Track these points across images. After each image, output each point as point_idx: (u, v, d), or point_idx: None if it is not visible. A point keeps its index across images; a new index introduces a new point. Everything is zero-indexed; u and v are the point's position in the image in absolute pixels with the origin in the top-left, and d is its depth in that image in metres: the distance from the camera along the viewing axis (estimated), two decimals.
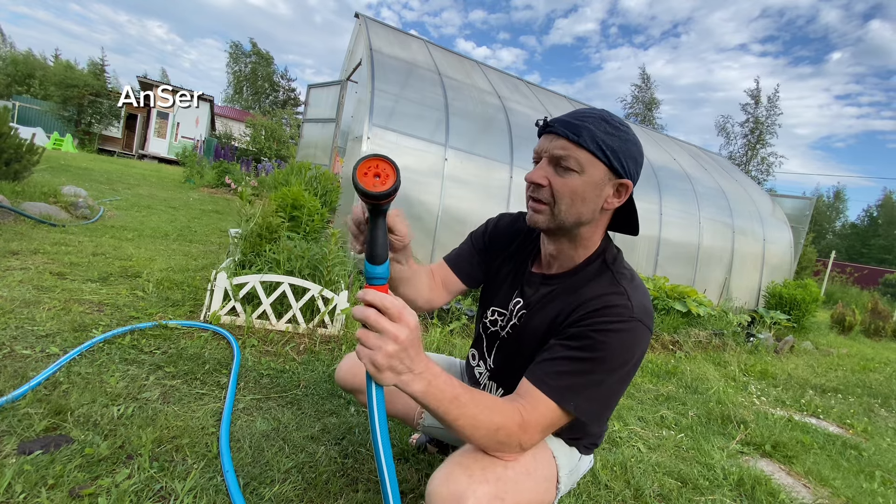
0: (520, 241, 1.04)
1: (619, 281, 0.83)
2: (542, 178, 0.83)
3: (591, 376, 0.76)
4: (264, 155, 16.38)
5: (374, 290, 0.65)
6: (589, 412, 0.78)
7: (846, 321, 6.46)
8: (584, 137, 0.79)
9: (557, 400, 0.75)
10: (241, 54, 34.13)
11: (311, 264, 2.51)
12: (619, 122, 0.82)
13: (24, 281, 2.21)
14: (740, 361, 3.65)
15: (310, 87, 7.57)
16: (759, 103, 25.15)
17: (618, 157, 0.80)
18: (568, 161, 0.80)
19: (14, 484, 0.99)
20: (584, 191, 0.81)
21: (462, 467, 0.75)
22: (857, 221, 35.03)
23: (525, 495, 0.78)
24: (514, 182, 4.47)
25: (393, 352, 0.62)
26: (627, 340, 0.77)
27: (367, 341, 0.63)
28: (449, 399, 0.68)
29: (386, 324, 0.62)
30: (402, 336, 0.62)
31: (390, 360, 0.62)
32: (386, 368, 0.63)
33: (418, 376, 0.65)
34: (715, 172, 7.36)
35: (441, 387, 0.68)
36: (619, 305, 0.79)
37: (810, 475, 1.90)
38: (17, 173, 4.25)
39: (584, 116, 0.81)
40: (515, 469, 0.78)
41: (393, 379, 0.64)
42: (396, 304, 0.63)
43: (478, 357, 1.07)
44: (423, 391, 0.66)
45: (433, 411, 0.69)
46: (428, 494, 0.75)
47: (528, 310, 0.93)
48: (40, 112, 16.62)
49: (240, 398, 1.58)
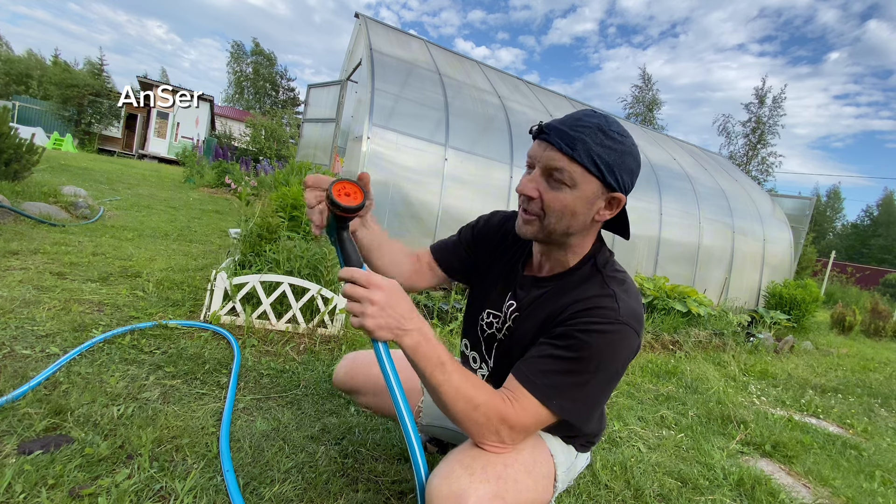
0: (511, 242, 1.03)
1: (609, 284, 0.83)
2: (532, 191, 0.81)
3: (576, 376, 0.77)
4: (264, 155, 16.36)
5: (346, 268, 0.76)
6: (572, 411, 0.78)
7: (846, 321, 6.46)
8: (578, 151, 0.76)
9: (540, 398, 0.76)
10: (243, 54, 34.13)
11: (310, 264, 2.51)
12: (618, 131, 0.79)
13: (24, 281, 2.21)
14: (740, 361, 3.65)
15: (310, 87, 7.57)
16: (764, 103, 25.10)
17: (612, 171, 0.78)
18: (560, 174, 0.78)
19: (14, 484, 0.99)
20: (575, 205, 0.80)
21: (463, 466, 0.75)
22: (857, 221, 35.04)
23: (525, 494, 0.78)
24: (514, 182, 4.46)
25: (374, 312, 0.72)
26: (612, 342, 0.77)
27: (352, 309, 0.73)
28: (434, 363, 0.73)
29: (361, 291, 0.73)
30: (377, 297, 0.72)
31: (376, 319, 0.72)
32: (376, 328, 0.72)
33: (408, 332, 0.73)
34: (715, 172, 7.36)
35: (430, 349, 0.74)
36: (606, 307, 0.79)
37: (810, 475, 1.90)
38: (16, 173, 4.25)
39: (581, 127, 0.78)
40: (515, 467, 0.78)
41: (388, 335, 0.73)
42: (363, 273, 0.74)
43: (479, 359, 1.08)
44: (413, 347, 0.73)
45: (420, 372, 0.74)
46: (428, 493, 0.75)
47: (520, 312, 0.93)
48: (40, 112, 16.62)
49: (240, 398, 1.58)
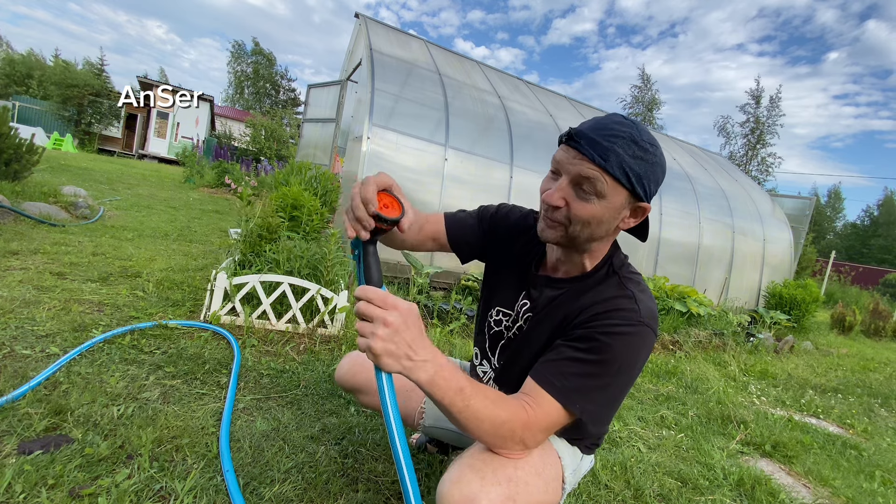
0: (525, 241, 1.02)
1: (627, 285, 0.83)
2: (559, 201, 0.78)
3: (597, 378, 0.76)
4: (264, 155, 16.37)
5: (364, 287, 0.69)
6: (592, 413, 0.77)
7: (846, 321, 6.46)
8: (611, 163, 0.73)
9: (563, 401, 0.75)
10: (243, 54, 34.13)
11: (310, 264, 2.51)
12: (649, 142, 0.76)
13: (24, 281, 2.21)
14: (740, 361, 3.65)
15: (310, 87, 7.57)
16: (760, 103, 25.11)
17: (642, 183, 0.76)
18: (591, 185, 0.75)
19: (14, 484, 0.99)
20: (603, 216, 0.78)
21: (473, 470, 0.75)
22: (857, 221, 35.04)
23: (535, 496, 0.78)
24: (513, 182, 4.47)
25: (385, 335, 0.65)
26: (634, 344, 0.77)
27: (362, 329, 0.67)
28: (455, 390, 0.68)
29: (375, 310, 0.66)
30: (391, 319, 0.65)
31: (385, 343, 0.65)
32: (383, 353, 0.65)
33: (422, 364, 0.67)
34: (715, 172, 7.36)
35: (446, 376, 0.68)
36: (627, 309, 0.78)
37: (810, 475, 1.90)
38: (16, 173, 4.24)
39: (613, 136, 0.74)
40: (525, 469, 0.78)
41: (394, 365, 0.66)
42: (381, 293, 0.68)
43: (480, 356, 1.07)
44: (429, 380, 0.67)
45: (438, 402, 0.69)
46: (439, 497, 0.74)
47: (534, 312, 0.92)
48: (40, 112, 16.62)
49: (240, 398, 1.58)
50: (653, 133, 4.25)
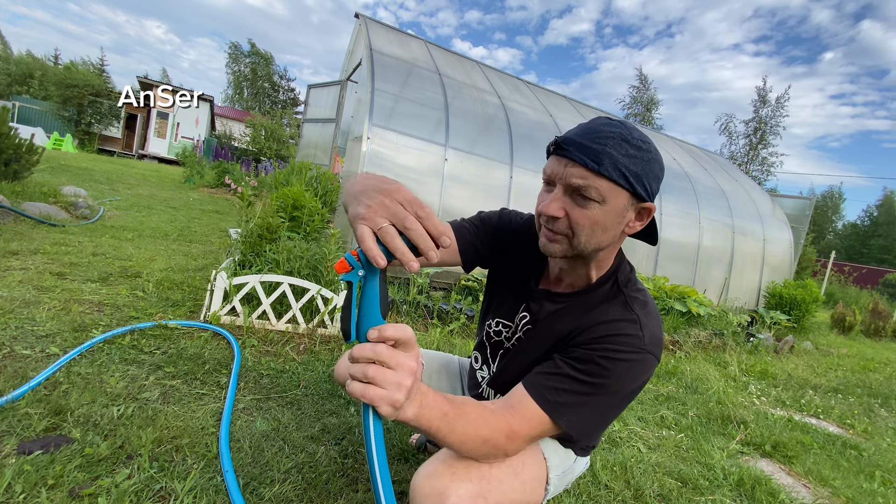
0: (527, 250, 0.98)
1: (633, 307, 0.80)
2: (558, 211, 0.76)
3: (592, 398, 0.76)
4: (264, 155, 16.38)
5: (386, 326, 0.61)
6: (580, 428, 0.77)
7: (846, 321, 6.46)
8: (605, 165, 0.71)
9: (551, 414, 0.75)
10: (241, 55, 34.15)
11: (310, 264, 2.51)
12: (641, 139, 0.75)
13: (24, 281, 2.21)
14: (740, 361, 3.65)
15: (310, 88, 7.57)
16: (766, 103, 25.10)
17: (641, 181, 0.74)
18: (588, 191, 0.73)
19: (14, 484, 0.99)
20: (606, 221, 0.76)
21: (446, 465, 0.75)
22: (856, 221, 35.03)
23: (509, 495, 0.77)
24: (514, 182, 4.47)
25: (410, 385, 0.60)
26: (634, 370, 0.76)
27: (383, 378, 0.58)
28: (438, 417, 0.66)
29: (401, 357, 0.59)
30: (406, 383, 0.59)
31: (409, 393, 0.60)
32: (405, 404, 0.60)
33: (407, 403, 0.62)
34: (715, 172, 7.36)
35: (431, 405, 0.65)
36: (631, 335, 0.76)
37: (810, 475, 1.90)
38: (16, 173, 4.24)
39: (603, 138, 0.72)
40: (501, 468, 0.78)
41: (390, 411, 0.60)
42: (392, 353, 0.60)
43: (481, 361, 1.08)
44: (416, 415, 0.63)
45: (424, 431, 0.67)
46: (412, 490, 0.74)
47: (533, 326, 0.91)
48: (40, 112, 16.62)
49: (240, 398, 1.58)
50: (652, 133, 4.22)
